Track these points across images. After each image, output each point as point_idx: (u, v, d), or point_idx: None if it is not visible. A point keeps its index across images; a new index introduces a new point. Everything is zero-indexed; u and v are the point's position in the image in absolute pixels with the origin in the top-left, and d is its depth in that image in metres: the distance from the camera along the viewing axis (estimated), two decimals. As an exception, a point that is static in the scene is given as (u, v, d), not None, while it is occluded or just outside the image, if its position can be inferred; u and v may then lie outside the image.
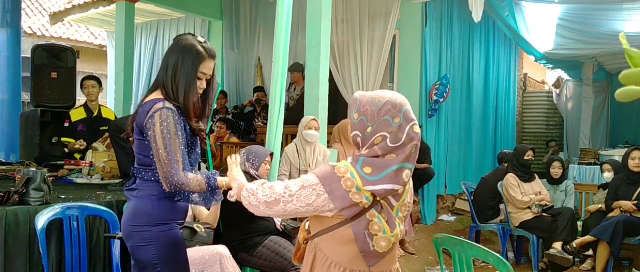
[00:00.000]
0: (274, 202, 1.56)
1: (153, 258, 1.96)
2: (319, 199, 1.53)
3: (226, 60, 7.91)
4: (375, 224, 1.54)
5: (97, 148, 4.30)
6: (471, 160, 7.17)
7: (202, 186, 1.94)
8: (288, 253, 3.12)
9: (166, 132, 1.88)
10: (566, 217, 4.72)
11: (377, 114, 1.55)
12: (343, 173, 1.52)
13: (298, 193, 1.54)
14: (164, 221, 1.98)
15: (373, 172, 1.51)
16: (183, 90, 1.95)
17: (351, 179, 1.50)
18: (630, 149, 4.83)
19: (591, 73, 8.16)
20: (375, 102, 1.56)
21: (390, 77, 6.19)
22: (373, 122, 1.55)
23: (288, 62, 3.71)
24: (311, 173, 1.58)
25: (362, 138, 1.58)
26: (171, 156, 1.88)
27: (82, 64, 10.19)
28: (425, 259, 4.98)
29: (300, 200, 1.53)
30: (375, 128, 1.54)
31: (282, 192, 1.56)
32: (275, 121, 3.61)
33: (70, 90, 5.28)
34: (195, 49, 1.97)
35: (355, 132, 1.59)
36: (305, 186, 1.54)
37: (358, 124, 1.58)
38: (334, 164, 1.57)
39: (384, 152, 1.53)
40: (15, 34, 6.18)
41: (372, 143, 1.55)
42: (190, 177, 1.93)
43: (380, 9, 5.94)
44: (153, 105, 1.92)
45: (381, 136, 1.53)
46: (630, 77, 0.77)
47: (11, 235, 2.53)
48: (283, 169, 4.19)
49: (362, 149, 1.59)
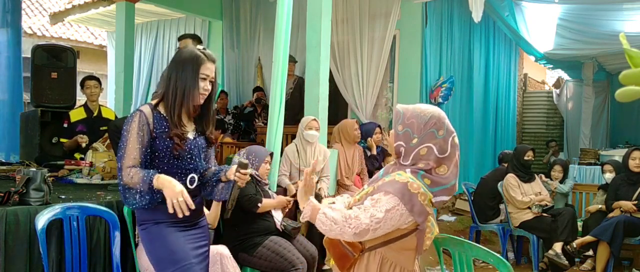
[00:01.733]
0: (363, 232, 1.62)
1: (150, 255, 2.11)
2: (402, 218, 1.62)
3: (226, 60, 7.91)
4: (428, 228, 1.68)
5: (97, 148, 4.29)
6: (471, 160, 7.16)
7: (136, 180, 1.96)
8: (288, 253, 3.12)
9: (126, 131, 2.00)
10: (566, 218, 4.71)
11: (423, 127, 1.67)
12: (416, 189, 1.62)
13: (385, 218, 1.61)
14: (146, 221, 2.09)
15: (432, 185, 1.64)
16: (183, 94, 2.04)
17: (424, 194, 1.62)
18: (631, 149, 4.83)
19: (591, 73, 8.16)
20: (421, 115, 1.69)
21: (390, 77, 6.19)
22: (419, 133, 1.67)
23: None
24: (386, 194, 1.63)
25: (406, 148, 1.69)
26: (120, 153, 1.99)
27: (82, 64, 10.20)
28: (425, 259, 4.98)
29: (387, 223, 1.61)
30: (421, 140, 1.67)
31: (369, 221, 1.61)
32: (275, 121, 3.62)
33: (70, 91, 5.28)
34: (195, 54, 2.08)
35: (399, 143, 1.70)
36: (389, 209, 1.61)
37: (402, 135, 1.69)
38: (401, 179, 1.64)
39: (436, 164, 1.66)
40: (16, 34, 6.18)
41: (418, 153, 1.67)
42: (131, 173, 1.97)
43: (380, 9, 5.94)
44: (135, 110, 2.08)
45: (427, 147, 1.66)
46: (630, 77, 0.77)
47: (11, 235, 2.52)
48: (283, 169, 4.19)
49: (403, 158, 1.70)
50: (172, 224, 2.08)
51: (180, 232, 2.10)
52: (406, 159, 1.69)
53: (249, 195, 3.20)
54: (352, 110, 6.22)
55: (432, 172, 1.66)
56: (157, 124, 2.02)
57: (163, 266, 2.08)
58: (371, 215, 1.61)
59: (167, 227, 2.07)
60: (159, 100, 2.10)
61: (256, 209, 3.20)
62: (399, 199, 1.60)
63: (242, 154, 3.46)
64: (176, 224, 2.08)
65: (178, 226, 2.09)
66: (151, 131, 2.01)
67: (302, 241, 3.39)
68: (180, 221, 2.08)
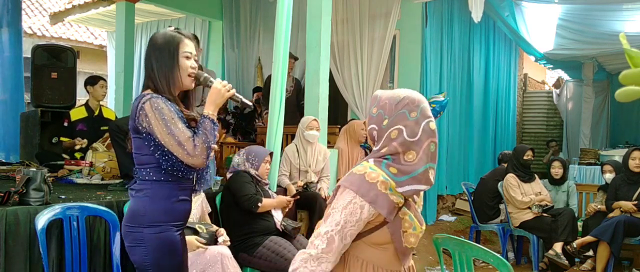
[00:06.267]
0: (329, 240, 1.48)
1: (144, 259, 1.92)
2: (364, 210, 1.48)
3: (226, 60, 7.91)
4: (407, 221, 1.54)
5: (97, 148, 4.30)
6: (471, 160, 7.16)
7: (208, 133, 1.89)
8: (288, 253, 3.12)
9: (160, 117, 1.84)
10: (566, 218, 4.71)
11: (395, 107, 1.54)
12: (374, 178, 1.48)
13: (343, 215, 1.48)
14: (156, 223, 1.92)
15: (398, 173, 1.50)
16: (170, 76, 1.93)
17: (385, 182, 1.48)
18: (631, 149, 4.83)
19: (591, 73, 8.15)
20: (394, 96, 1.56)
21: (390, 77, 6.19)
22: (390, 114, 1.54)
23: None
24: (343, 189, 1.51)
25: (378, 131, 1.56)
26: (178, 137, 1.84)
27: (82, 64, 10.19)
28: (425, 259, 4.98)
29: (350, 219, 1.48)
30: (392, 121, 1.53)
31: (328, 228, 1.49)
32: (275, 121, 3.62)
33: (71, 90, 5.28)
34: (168, 36, 1.97)
35: (372, 126, 1.58)
36: (345, 205, 1.49)
37: (376, 117, 1.57)
38: (358, 170, 1.52)
39: (403, 149, 1.51)
40: (16, 34, 6.17)
41: (389, 136, 1.53)
42: (198, 142, 1.87)
43: (380, 9, 5.93)
44: (141, 99, 1.90)
45: (397, 130, 1.52)
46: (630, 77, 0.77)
47: (11, 235, 2.52)
48: (283, 169, 4.19)
49: (377, 143, 1.57)
50: (178, 230, 2.00)
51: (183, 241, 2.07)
52: (378, 143, 1.57)
53: (249, 195, 3.20)
54: (352, 110, 6.22)
55: (400, 160, 1.51)
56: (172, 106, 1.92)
57: None
58: (329, 222, 1.49)
59: (176, 235, 1.98)
60: (152, 91, 1.97)
61: (256, 209, 3.20)
62: (354, 191, 1.48)
63: (242, 154, 3.47)
64: (181, 230, 2.04)
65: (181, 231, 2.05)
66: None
67: (302, 241, 3.39)
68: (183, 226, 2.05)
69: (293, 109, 5.77)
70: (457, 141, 6.84)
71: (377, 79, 5.92)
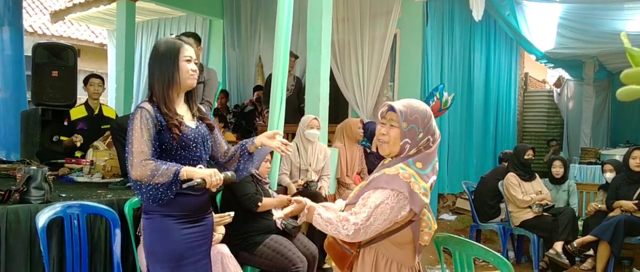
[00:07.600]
0: (356, 232, 1.63)
1: (145, 244, 2.10)
2: (393, 211, 1.62)
3: (227, 59, 7.91)
4: (424, 221, 1.70)
5: (98, 146, 4.29)
6: (472, 159, 7.16)
7: (159, 173, 1.94)
8: (289, 252, 3.13)
9: (132, 126, 1.99)
10: (567, 217, 4.71)
11: (426, 121, 1.72)
12: (407, 178, 1.63)
13: (374, 214, 1.62)
14: (153, 212, 2.06)
15: (423, 167, 1.68)
16: (171, 81, 2.05)
17: (416, 183, 1.63)
18: (631, 148, 4.82)
19: (592, 72, 8.14)
20: (420, 110, 1.73)
21: (390, 76, 6.19)
22: (423, 128, 1.71)
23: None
24: (375, 189, 1.66)
25: (411, 144, 1.71)
26: (133, 148, 1.96)
27: (83, 63, 10.21)
28: (425, 258, 4.98)
29: (378, 219, 1.62)
30: (425, 133, 1.71)
31: (358, 221, 1.63)
32: (276, 120, 3.62)
33: (71, 89, 5.28)
34: (169, 42, 2.10)
35: (405, 140, 1.71)
36: (378, 204, 1.62)
37: (408, 132, 1.70)
38: (391, 171, 1.66)
39: (428, 150, 1.72)
40: (17, 32, 6.17)
41: (422, 145, 1.71)
42: (149, 165, 1.95)
43: (380, 8, 5.93)
44: (136, 108, 2.06)
45: (428, 138, 1.71)
46: (631, 76, 0.77)
47: (12, 233, 2.53)
48: (283, 167, 4.19)
49: (406, 153, 1.72)
50: (178, 220, 2.05)
51: (184, 230, 2.07)
52: (408, 151, 1.72)
53: (249, 194, 3.20)
54: (353, 109, 6.22)
55: (421, 152, 1.71)
56: (160, 117, 2.02)
57: (154, 259, 2.07)
58: (360, 214, 1.63)
59: (173, 223, 2.04)
60: (150, 95, 2.10)
61: (256, 208, 3.20)
62: (389, 191, 1.62)
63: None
64: (183, 220, 2.06)
65: (184, 222, 2.07)
66: (156, 124, 2.00)
67: (303, 240, 3.40)
68: (187, 217, 2.07)
69: (294, 108, 5.77)
70: (458, 139, 6.84)
71: (378, 77, 5.92)
